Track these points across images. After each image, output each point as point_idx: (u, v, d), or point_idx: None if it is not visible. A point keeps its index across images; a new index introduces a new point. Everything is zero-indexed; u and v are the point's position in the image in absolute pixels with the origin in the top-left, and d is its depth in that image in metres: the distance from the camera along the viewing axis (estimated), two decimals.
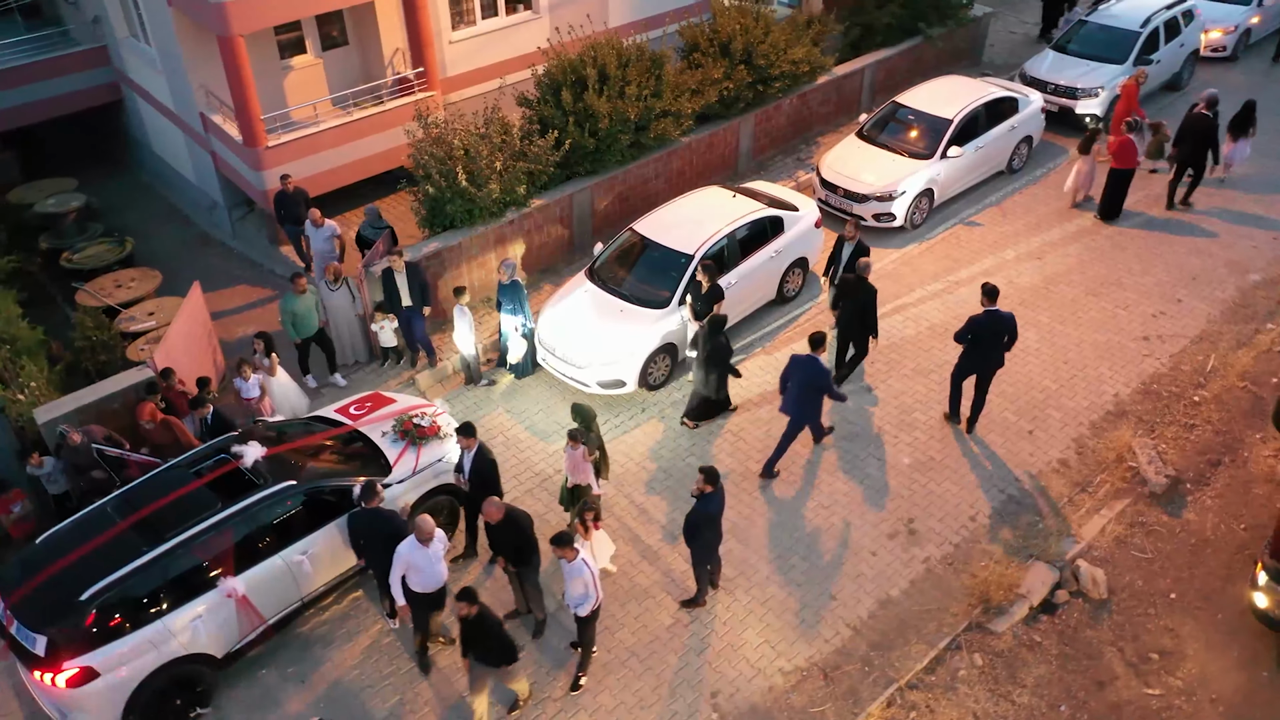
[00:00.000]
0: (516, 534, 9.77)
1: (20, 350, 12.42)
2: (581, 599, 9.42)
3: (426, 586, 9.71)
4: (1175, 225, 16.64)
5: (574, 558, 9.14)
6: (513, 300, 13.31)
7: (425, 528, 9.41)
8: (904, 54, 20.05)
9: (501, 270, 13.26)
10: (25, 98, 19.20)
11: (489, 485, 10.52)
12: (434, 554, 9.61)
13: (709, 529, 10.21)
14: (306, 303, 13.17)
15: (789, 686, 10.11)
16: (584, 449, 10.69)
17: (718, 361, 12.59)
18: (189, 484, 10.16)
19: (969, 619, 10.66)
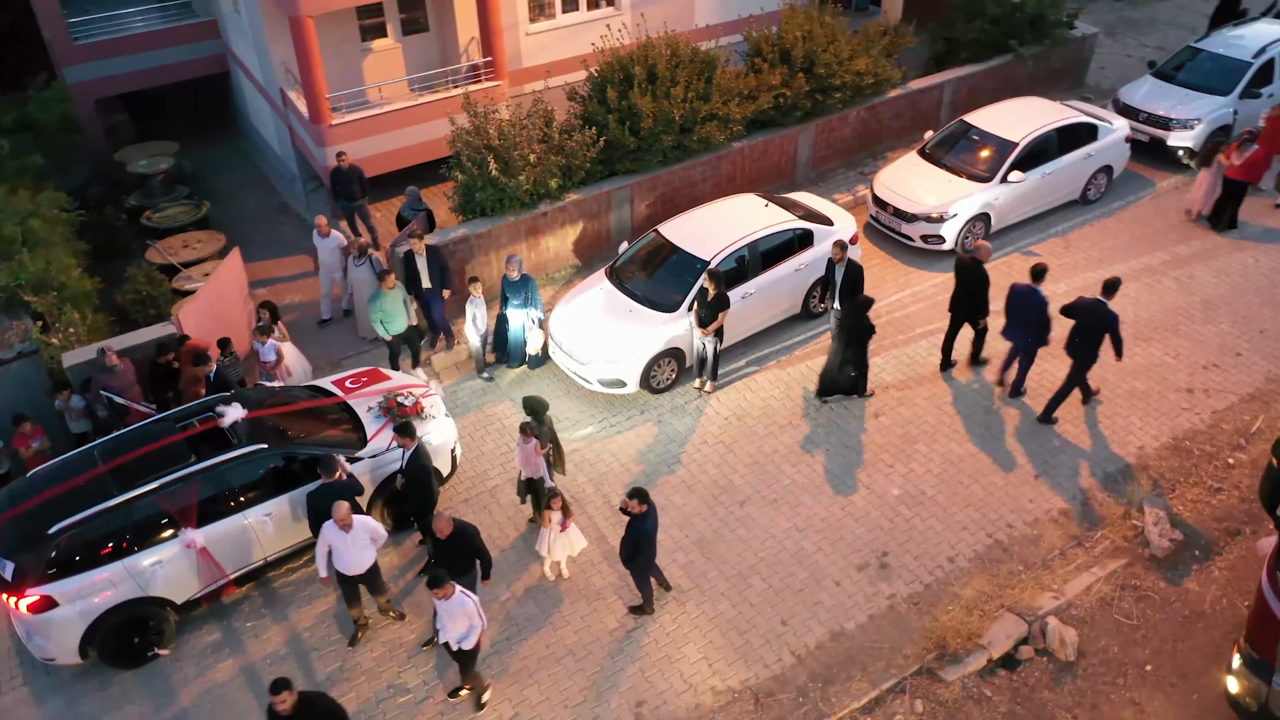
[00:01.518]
0: (466, 547, 9.77)
1: (66, 298, 13.32)
2: (465, 634, 9.15)
3: (345, 569, 9.97)
4: (1254, 273, 15.43)
5: (451, 594, 8.88)
6: (521, 294, 13.47)
7: (339, 514, 9.59)
8: (992, 72, 19.21)
9: (509, 266, 13.38)
10: (142, 64, 20.51)
11: (419, 489, 10.70)
12: (352, 539, 9.78)
13: (647, 547, 10.10)
14: (395, 298, 13.11)
15: (716, 706, 9.93)
16: (535, 442, 10.76)
17: (856, 342, 12.72)
18: (168, 437, 10.71)
19: (920, 663, 10.22)
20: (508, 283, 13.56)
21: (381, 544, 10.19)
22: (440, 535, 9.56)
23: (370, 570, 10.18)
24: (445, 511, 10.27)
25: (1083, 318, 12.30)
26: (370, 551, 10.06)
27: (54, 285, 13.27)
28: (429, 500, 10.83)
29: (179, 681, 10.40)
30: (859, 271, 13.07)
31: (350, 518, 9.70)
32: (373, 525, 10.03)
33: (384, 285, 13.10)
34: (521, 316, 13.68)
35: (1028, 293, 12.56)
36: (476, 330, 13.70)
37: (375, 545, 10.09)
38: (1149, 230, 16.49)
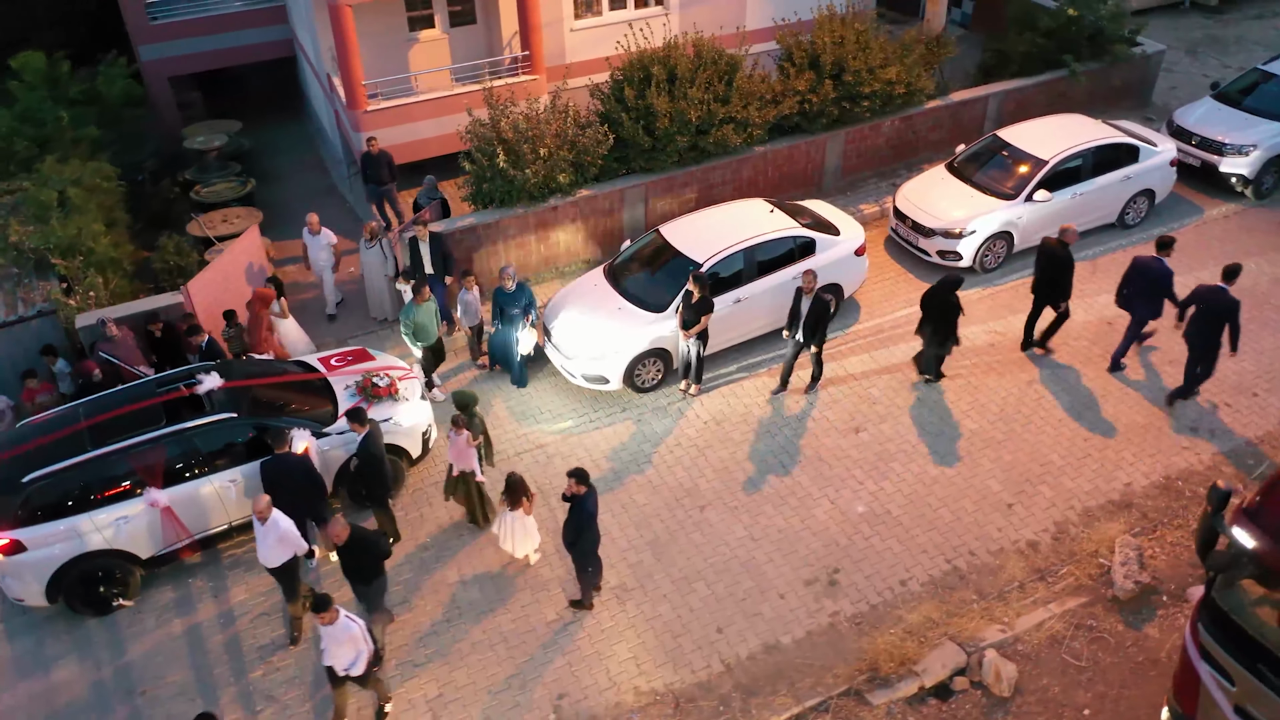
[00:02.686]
0: (367, 552, 9.77)
1: (92, 263, 14.08)
2: (352, 660, 9.01)
3: (260, 559, 10.19)
4: None
5: (335, 619, 8.76)
6: (518, 304, 13.31)
7: (256, 505, 9.73)
8: (1043, 87, 18.57)
9: (504, 277, 13.19)
10: (213, 45, 21.50)
11: (370, 474, 10.94)
12: (263, 533, 9.87)
13: (589, 530, 10.17)
14: (428, 311, 12.95)
15: (635, 706, 9.95)
16: (467, 434, 10.92)
17: (943, 320, 12.87)
18: (147, 400, 11.26)
19: (849, 684, 10.04)
20: (502, 294, 13.30)
21: (300, 552, 10.22)
22: (336, 541, 9.49)
23: (282, 570, 10.23)
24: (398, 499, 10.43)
25: (1202, 304, 12.30)
26: (279, 551, 10.04)
27: (81, 250, 14.03)
28: (382, 487, 11.09)
29: (138, 632, 10.94)
30: (825, 309, 12.67)
31: (268, 510, 9.74)
32: (285, 528, 9.93)
33: (418, 300, 12.87)
34: (516, 328, 13.46)
35: (1151, 263, 12.76)
36: (468, 320, 13.91)
37: (285, 547, 10.06)
38: (1187, 260, 15.66)
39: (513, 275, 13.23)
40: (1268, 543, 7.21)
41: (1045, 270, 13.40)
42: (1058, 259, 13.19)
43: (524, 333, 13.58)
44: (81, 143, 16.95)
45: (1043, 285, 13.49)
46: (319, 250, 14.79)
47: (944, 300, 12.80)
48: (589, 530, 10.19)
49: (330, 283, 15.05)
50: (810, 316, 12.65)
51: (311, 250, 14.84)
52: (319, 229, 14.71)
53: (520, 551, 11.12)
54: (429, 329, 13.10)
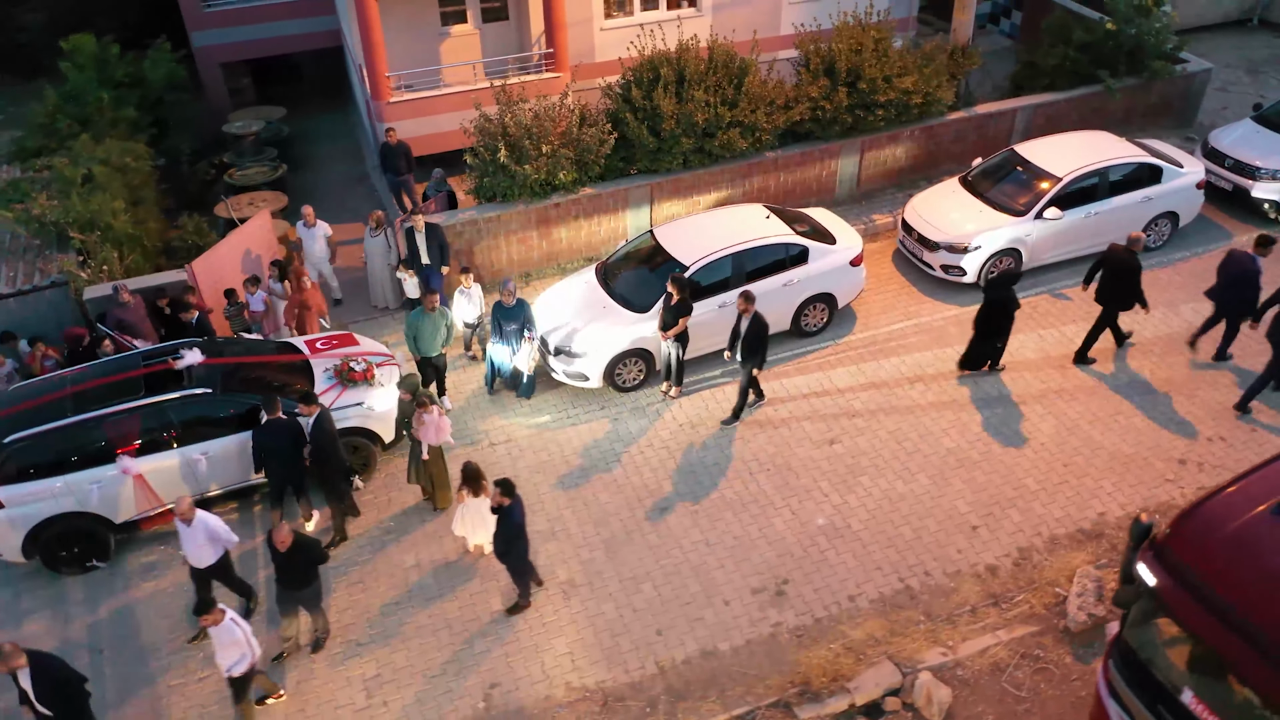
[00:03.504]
0: (307, 559, 9.91)
1: (108, 238, 14.68)
2: (238, 660, 9.05)
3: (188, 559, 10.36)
4: None
5: (220, 620, 8.81)
6: (517, 320, 13.08)
7: (179, 506, 9.92)
8: (1076, 102, 18.06)
9: (504, 292, 12.93)
10: (264, 33, 22.20)
11: (324, 457, 11.18)
12: (189, 534, 10.01)
13: (519, 540, 10.27)
14: (433, 323, 12.74)
15: (564, 701, 10.03)
16: (436, 408, 11.12)
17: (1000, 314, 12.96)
18: (129, 371, 11.73)
19: (780, 696, 9.96)
20: (501, 309, 13.03)
21: (230, 546, 10.38)
22: (280, 548, 9.60)
23: (216, 569, 10.34)
24: None
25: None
26: (209, 550, 10.15)
27: (99, 226, 14.64)
28: (336, 470, 11.35)
29: (107, 593, 11.41)
30: (764, 330, 12.44)
31: (191, 511, 9.86)
32: (214, 526, 10.06)
33: (427, 306, 12.70)
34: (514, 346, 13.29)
35: (1244, 259, 12.82)
36: (468, 316, 13.99)
37: (216, 545, 10.18)
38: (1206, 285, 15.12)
39: (513, 291, 12.96)
40: (1167, 581, 6.95)
41: (1110, 278, 13.26)
42: (1125, 267, 13.03)
43: (522, 350, 13.31)
44: (119, 123, 17.66)
45: (1106, 293, 13.33)
46: (314, 242, 15.03)
47: (1001, 294, 12.85)
48: (519, 540, 10.28)
49: (330, 273, 15.36)
50: (748, 337, 12.46)
51: (307, 243, 15.06)
52: (314, 221, 14.98)
53: (474, 540, 11.28)
54: (431, 341, 12.83)
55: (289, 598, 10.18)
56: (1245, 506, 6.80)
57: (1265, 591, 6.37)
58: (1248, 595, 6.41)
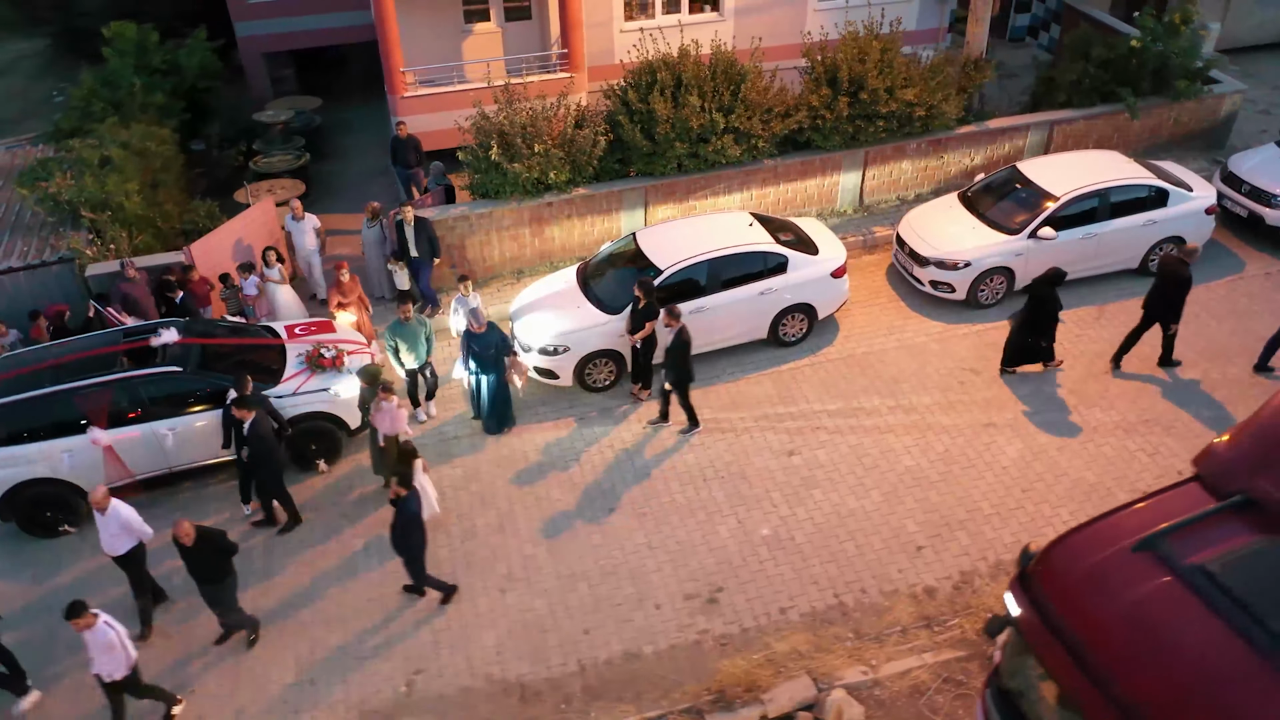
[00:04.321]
0: (215, 551, 10.03)
1: (119, 219, 15.30)
2: (114, 665, 9.03)
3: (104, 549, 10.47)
4: None
5: (93, 624, 8.82)
6: (491, 344, 12.65)
7: (94, 495, 10.09)
8: (1096, 120, 17.59)
9: (472, 319, 12.56)
10: (305, 25, 22.86)
11: (259, 462, 11.43)
12: (104, 523, 10.18)
13: (416, 531, 10.46)
14: (410, 332, 12.73)
15: (483, 692, 10.22)
16: (396, 397, 11.39)
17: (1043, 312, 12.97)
18: (108, 347, 12.26)
19: (693, 702, 10.00)
20: (470, 335, 12.60)
21: (145, 539, 10.55)
22: (184, 542, 9.68)
23: (126, 559, 10.46)
24: None
25: None
26: (122, 540, 10.28)
27: (111, 206, 15.28)
28: (272, 474, 11.61)
29: (76, 558, 11.95)
30: (684, 347, 12.34)
31: (105, 500, 10.00)
32: (127, 517, 10.18)
33: (400, 315, 12.71)
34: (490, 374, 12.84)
35: None
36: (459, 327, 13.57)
37: (129, 536, 10.34)
38: (1207, 316, 14.69)
39: (483, 316, 12.66)
40: (1028, 613, 6.82)
41: (1160, 287, 13.08)
42: (1177, 278, 12.87)
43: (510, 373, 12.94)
44: (148, 108, 18.37)
45: (1155, 302, 13.15)
46: (303, 236, 15.35)
47: (1043, 292, 12.83)
48: (415, 532, 10.45)
49: (318, 265, 15.75)
50: (670, 352, 12.40)
51: (296, 236, 15.39)
52: (303, 215, 15.31)
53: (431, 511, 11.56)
54: (414, 350, 12.82)
55: (204, 594, 10.25)
56: (1111, 540, 6.62)
57: (1114, 631, 6.21)
58: (1098, 633, 6.26)
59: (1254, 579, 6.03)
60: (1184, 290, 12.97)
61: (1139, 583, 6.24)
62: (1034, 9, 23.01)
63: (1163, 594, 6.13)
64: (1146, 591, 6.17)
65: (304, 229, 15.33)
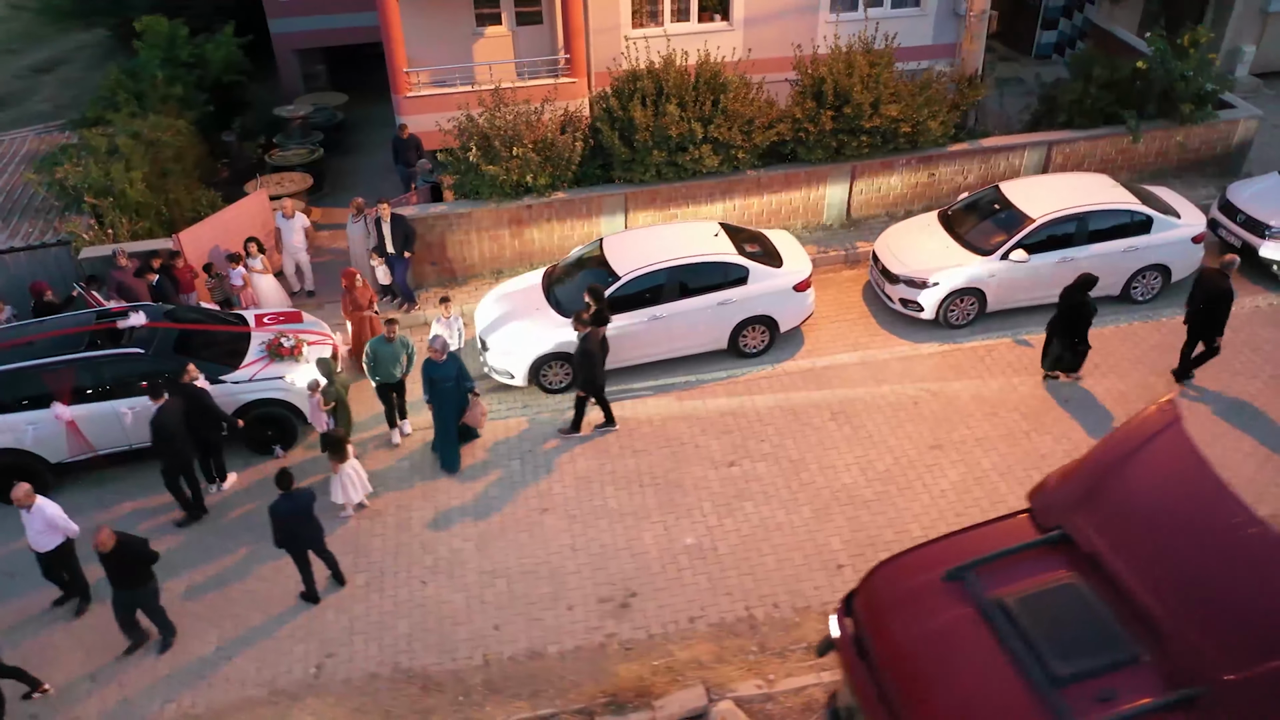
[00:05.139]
0: (134, 560, 10.14)
1: (120, 205, 16.00)
2: None
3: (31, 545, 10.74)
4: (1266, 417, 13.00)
5: None
6: (449, 375, 12.38)
7: (15, 493, 10.33)
8: (1098, 141, 17.21)
9: (432, 348, 12.30)
10: (335, 24, 23.59)
11: (161, 449, 11.80)
12: (27, 519, 10.43)
13: (302, 528, 10.82)
14: (393, 350, 12.69)
15: (389, 680, 10.50)
16: (320, 398, 11.75)
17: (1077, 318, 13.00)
18: (79, 327, 12.88)
19: (586, 704, 10.14)
20: (430, 364, 12.34)
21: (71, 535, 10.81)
22: (102, 549, 9.77)
23: (54, 556, 10.67)
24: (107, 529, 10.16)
25: None
26: (47, 537, 10.50)
27: (113, 193, 16.00)
28: (173, 462, 11.95)
29: None
30: (586, 355, 12.50)
31: (29, 498, 10.25)
32: (52, 514, 10.40)
33: (385, 334, 12.67)
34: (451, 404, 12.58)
35: None
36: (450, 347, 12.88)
37: (54, 533, 10.56)
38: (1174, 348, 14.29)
39: (443, 345, 12.36)
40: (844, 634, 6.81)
41: (1201, 301, 12.89)
42: (1217, 291, 12.71)
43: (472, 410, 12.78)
44: (168, 100, 19.15)
45: (1197, 317, 12.99)
46: (291, 234, 15.83)
47: (1076, 299, 12.81)
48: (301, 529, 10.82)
49: (307, 262, 16.21)
50: (574, 356, 12.61)
51: (285, 234, 15.86)
52: (292, 213, 15.80)
53: (356, 498, 11.91)
54: (389, 368, 12.76)
55: (121, 600, 10.37)
56: (930, 567, 6.58)
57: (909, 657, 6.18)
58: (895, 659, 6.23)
59: (1046, 616, 5.95)
60: (1225, 303, 12.76)
61: (941, 611, 6.20)
62: (1061, 26, 22.54)
63: (960, 624, 6.08)
64: (946, 621, 6.13)
65: (293, 227, 15.82)
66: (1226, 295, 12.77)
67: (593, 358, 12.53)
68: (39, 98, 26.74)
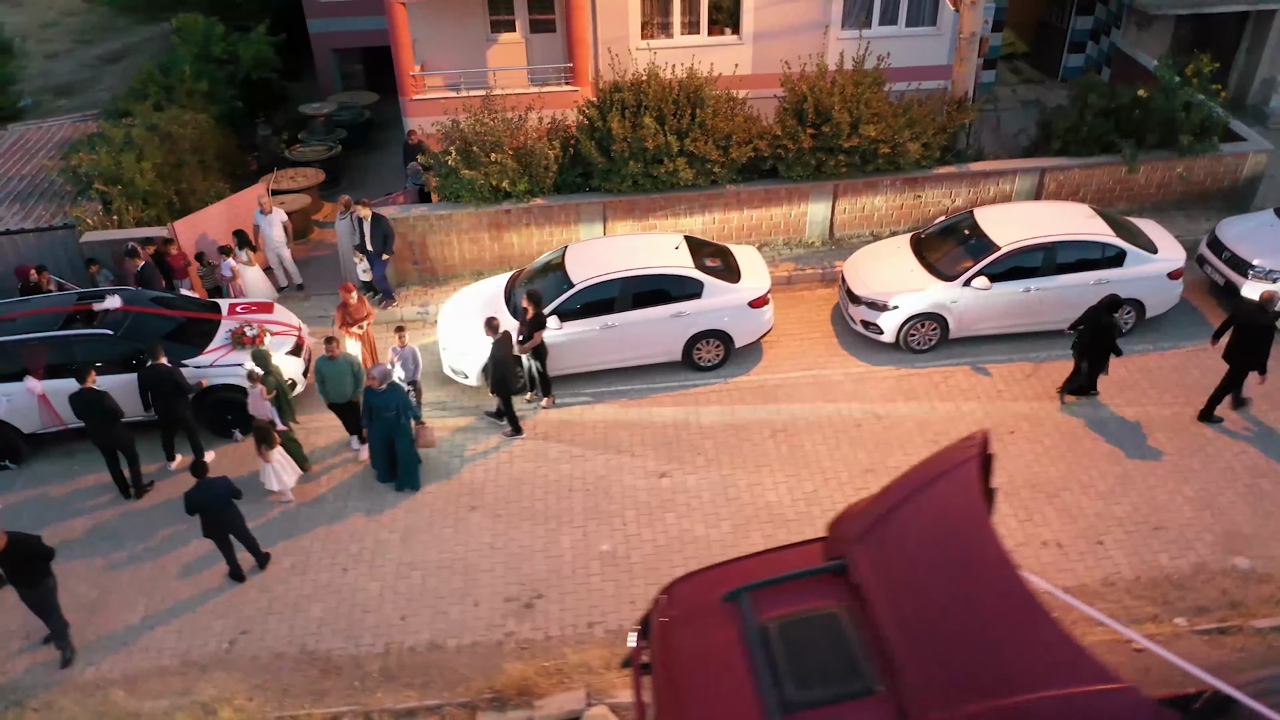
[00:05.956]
0: (28, 558, 10.26)
1: (128, 193, 16.86)
2: None
3: None
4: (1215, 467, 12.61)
5: None
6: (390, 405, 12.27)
7: None
8: (1094, 170, 16.85)
9: (371, 375, 12.24)
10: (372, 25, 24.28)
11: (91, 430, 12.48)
12: None
13: (221, 515, 11.32)
14: (337, 369, 12.70)
15: (293, 660, 10.94)
16: (261, 388, 12.27)
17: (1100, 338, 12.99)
18: (58, 307, 13.68)
19: (471, 698, 10.42)
20: (372, 393, 12.25)
21: None
22: None
23: None
24: None
25: None
26: None
27: (122, 181, 16.88)
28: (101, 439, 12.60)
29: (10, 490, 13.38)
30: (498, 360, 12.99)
31: None
32: None
33: (328, 351, 12.58)
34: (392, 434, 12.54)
35: None
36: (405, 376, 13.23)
37: None
38: (1147, 385, 13.93)
39: (384, 375, 12.25)
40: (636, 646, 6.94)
41: (1239, 335, 12.68)
42: (1255, 326, 12.49)
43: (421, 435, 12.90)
44: (194, 94, 20.09)
45: (1235, 352, 12.74)
46: (271, 229, 16.41)
47: (1103, 320, 12.80)
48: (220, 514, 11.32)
49: (289, 258, 16.84)
50: (487, 363, 13.03)
51: (264, 229, 16.44)
52: (270, 209, 16.40)
53: (289, 485, 12.43)
54: (338, 387, 12.77)
55: (23, 599, 10.54)
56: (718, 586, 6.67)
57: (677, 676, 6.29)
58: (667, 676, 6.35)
59: (799, 643, 6.00)
60: (1265, 338, 12.52)
61: (714, 631, 6.31)
62: (1088, 50, 22.03)
63: (722, 646, 6.18)
64: (714, 641, 6.24)
65: (271, 222, 16.45)
66: (1265, 331, 12.46)
67: (502, 363, 12.85)
68: (101, 86, 28.12)
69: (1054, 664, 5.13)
